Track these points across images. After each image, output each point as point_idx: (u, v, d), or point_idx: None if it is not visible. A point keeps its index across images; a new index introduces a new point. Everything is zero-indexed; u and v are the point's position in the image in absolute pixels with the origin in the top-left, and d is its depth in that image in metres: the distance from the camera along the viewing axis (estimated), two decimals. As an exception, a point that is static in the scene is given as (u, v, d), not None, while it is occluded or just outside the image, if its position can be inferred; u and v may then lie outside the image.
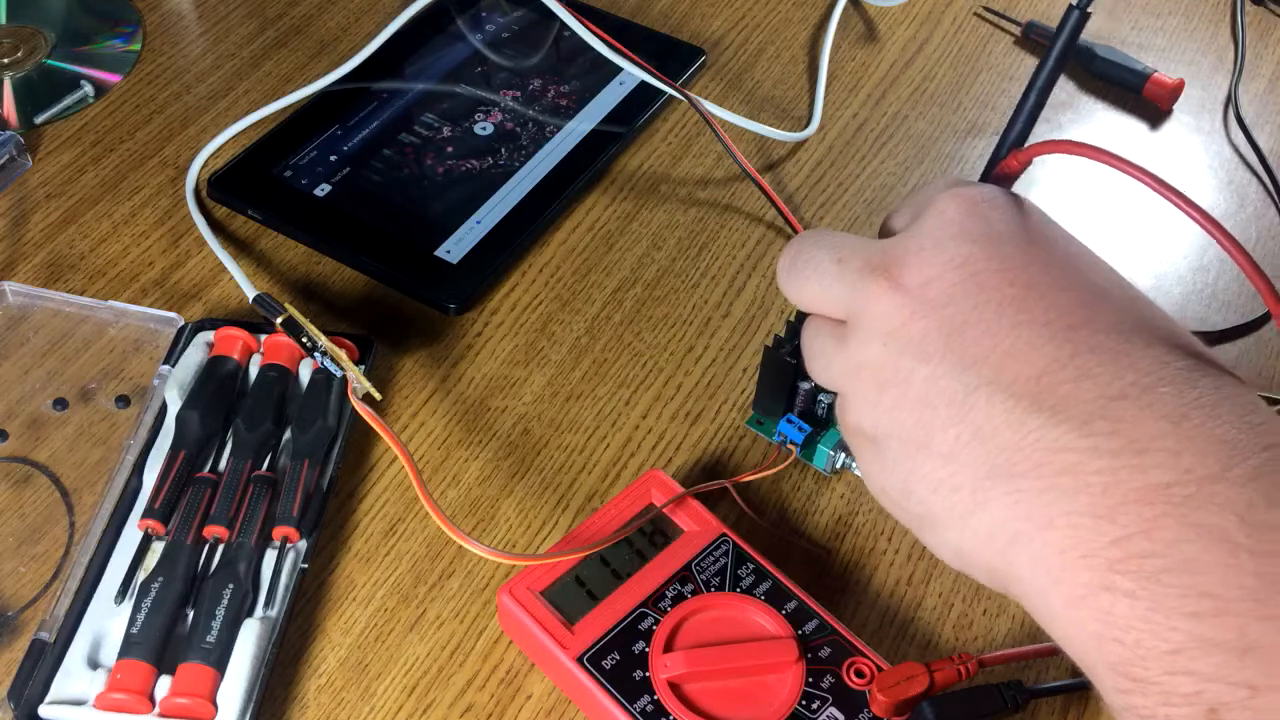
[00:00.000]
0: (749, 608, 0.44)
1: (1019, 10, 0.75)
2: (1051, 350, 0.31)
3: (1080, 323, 0.31)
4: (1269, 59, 0.72)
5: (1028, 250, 0.33)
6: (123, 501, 0.48)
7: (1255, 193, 0.65)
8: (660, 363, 0.56)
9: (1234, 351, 0.57)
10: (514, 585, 0.44)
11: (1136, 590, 0.27)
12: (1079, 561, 0.29)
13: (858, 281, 0.34)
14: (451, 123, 0.65)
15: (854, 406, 0.35)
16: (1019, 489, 0.30)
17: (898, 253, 0.34)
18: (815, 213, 0.63)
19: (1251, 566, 0.26)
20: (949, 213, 0.34)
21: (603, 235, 0.61)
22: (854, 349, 0.34)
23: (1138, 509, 0.28)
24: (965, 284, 0.33)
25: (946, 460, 0.32)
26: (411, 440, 0.52)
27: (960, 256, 0.33)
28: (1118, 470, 0.29)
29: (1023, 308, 0.32)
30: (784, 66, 0.71)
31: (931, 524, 0.33)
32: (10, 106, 0.66)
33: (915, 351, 0.33)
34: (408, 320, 0.57)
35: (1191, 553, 0.27)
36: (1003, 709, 0.42)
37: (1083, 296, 0.32)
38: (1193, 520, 0.27)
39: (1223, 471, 0.28)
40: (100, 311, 0.56)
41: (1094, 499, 0.29)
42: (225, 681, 0.43)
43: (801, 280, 0.37)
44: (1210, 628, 0.26)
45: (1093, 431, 0.29)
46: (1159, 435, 0.29)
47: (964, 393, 0.31)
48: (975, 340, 0.32)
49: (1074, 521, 0.29)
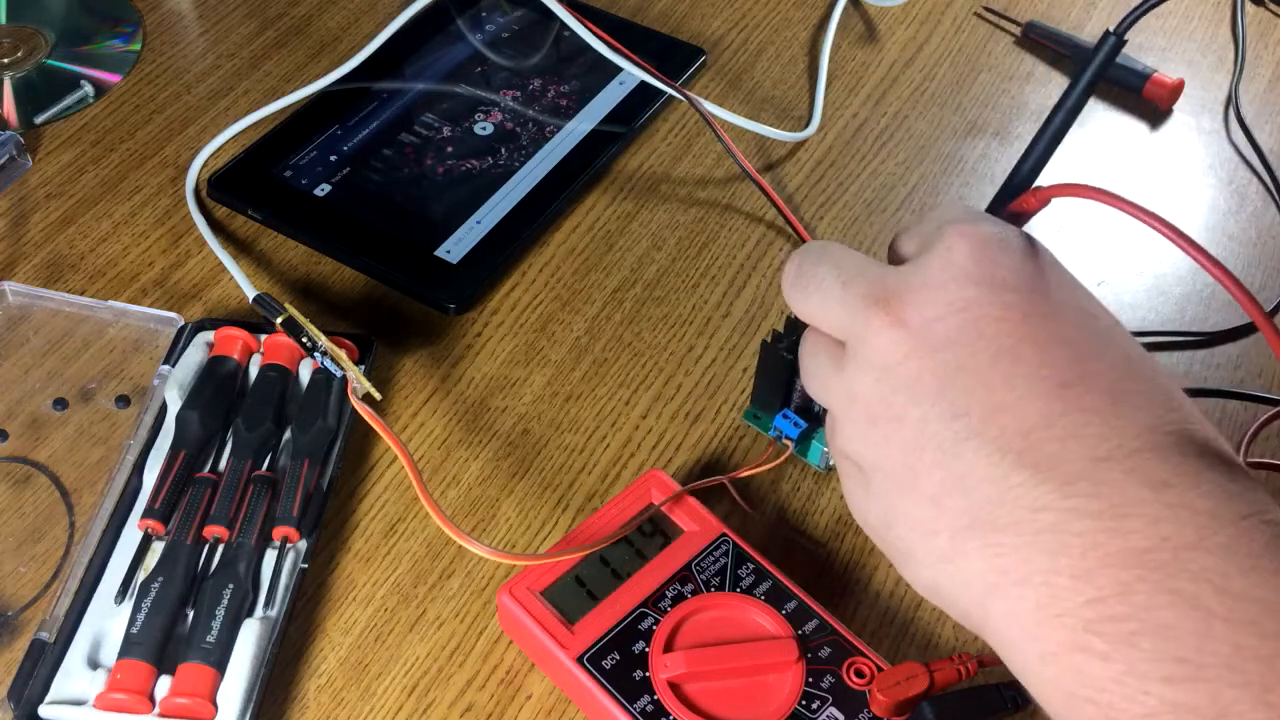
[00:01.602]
0: (749, 608, 0.44)
1: (1019, 10, 0.75)
2: (1042, 406, 0.31)
3: (1073, 380, 0.31)
4: (1269, 59, 0.72)
5: (1030, 300, 0.33)
6: (123, 501, 0.48)
7: (1255, 192, 0.65)
8: (660, 363, 0.56)
9: (1235, 351, 0.57)
10: (514, 585, 0.44)
11: (1110, 652, 0.28)
12: (1053, 620, 0.29)
13: (859, 309, 0.34)
14: (451, 123, 0.65)
15: (843, 432, 0.35)
16: (998, 543, 0.30)
17: (900, 287, 0.34)
18: (815, 212, 0.63)
19: (1225, 634, 0.27)
20: (956, 252, 0.33)
21: (603, 235, 0.61)
22: (849, 377, 0.35)
23: (1114, 572, 0.28)
24: (965, 329, 0.32)
25: (929, 503, 0.32)
26: (411, 440, 0.52)
27: (963, 300, 0.33)
28: (1097, 533, 0.29)
29: (1018, 360, 0.32)
30: (784, 66, 0.71)
31: (909, 558, 0.33)
32: (10, 106, 0.66)
33: (909, 391, 0.33)
34: (408, 320, 0.57)
35: (1166, 619, 0.27)
36: (1003, 709, 0.42)
37: (1080, 353, 0.32)
38: (1168, 587, 0.28)
39: (1199, 540, 0.28)
40: (100, 311, 0.56)
41: (1072, 560, 0.29)
42: (225, 681, 0.43)
43: (804, 295, 0.37)
44: (1184, 693, 0.27)
45: (1075, 493, 0.30)
46: (1140, 501, 0.29)
47: (952, 441, 0.32)
48: (968, 389, 0.32)
49: (1050, 580, 0.29)
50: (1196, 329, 0.58)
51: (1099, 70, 0.38)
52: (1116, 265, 0.61)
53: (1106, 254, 0.61)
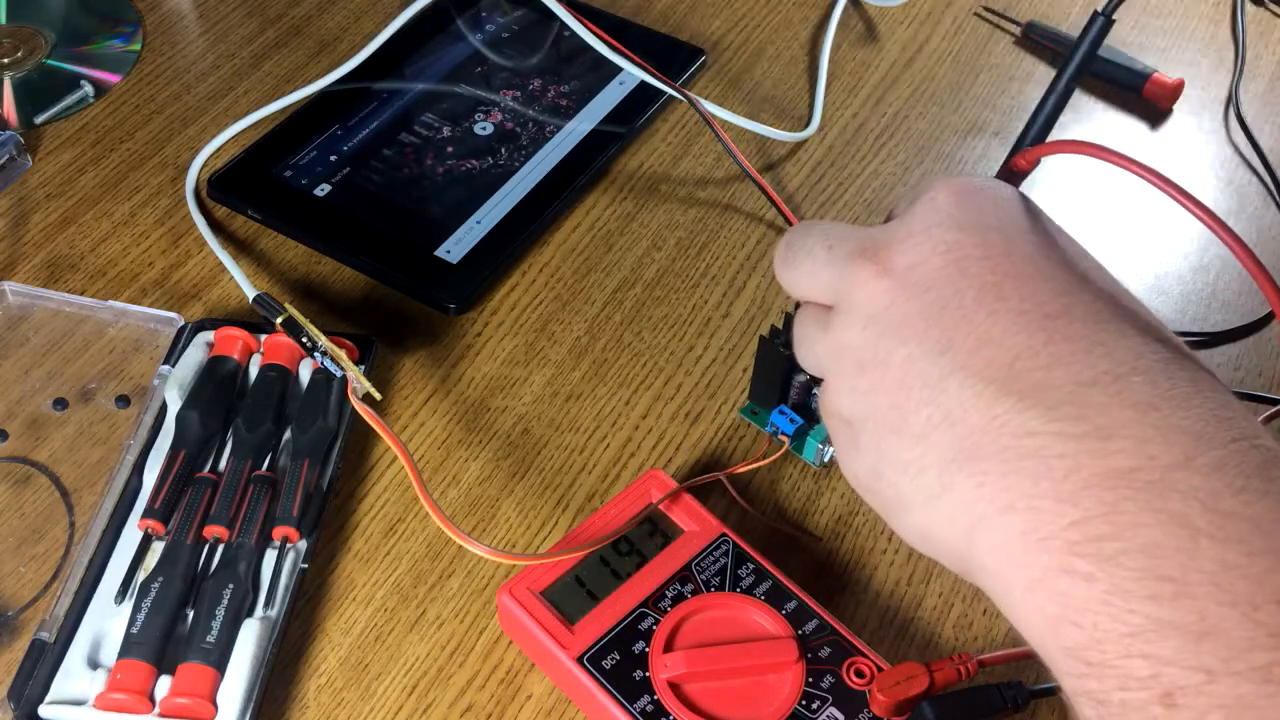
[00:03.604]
0: (749, 608, 0.44)
1: (1019, 10, 0.75)
2: (1026, 338, 0.31)
3: (1058, 312, 0.31)
4: (1269, 59, 0.72)
5: (1013, 239, 0.33)
6: (123, 501, 0.48)
7: (1256, 192, 0.65)
8: (660, 363, 0.56)
9: (1235, 351, 0.57)
10: (514, 585, 0.44)
11: (1095, 573, 0.27)
12: (1038, 544, 0.29)
13: (845, 265, 0.35)
14: (451, 123, 0.65)
15: (834, 389, 0.35)
16: (984, 471, 0.30)
17: (886, 238, 0.34)
18: (815, 212, 0.63)
19: (1212, 552, 0.26)
20: (939, 200, 0.34)
21: (603, 235, 0.61)
22: (836, 331, 0.35)
23: (1099, 493, 0.28)
24: (948, 269, 0.33)
25: (916, 441, 0.32)
26: (411, 440, 0.52)
27: (946, 243, 0.33)
28: (1080, 454, 0.29)
29: (1002, 294, 0.32)
30: (784, 66, 0.71)
31: (899, 506, 0.33)
32: (10, 106, 0.66)
33: (895, 334, 0.33)
34: (408, 320, 0.57)
35: (1152, 537, 0.27)
36: (1003, 709, 0.42)
37: (1063, 286, 0.32)
38: (1154, 505, 0.27)
39: (1187, 460, 0.28)
40: (100, 311, 0.56)
41: (1055, 482, 0.29)
42: (225, 681, 0.43)
43: (794, 267, 0.37)
44: (1169, 611, 0.26)
45: (1059, 416, 0.29)
46: (1126, 423, 0.29)
47: (938, 376, 0.32)
48: (952, 325, 0.32)
49: (1034, 505, 0.29)
50: (1196, 329, 0.58)
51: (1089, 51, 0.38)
52: (1116, 265, 0.60)
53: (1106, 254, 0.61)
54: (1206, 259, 0.61)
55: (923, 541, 0.33)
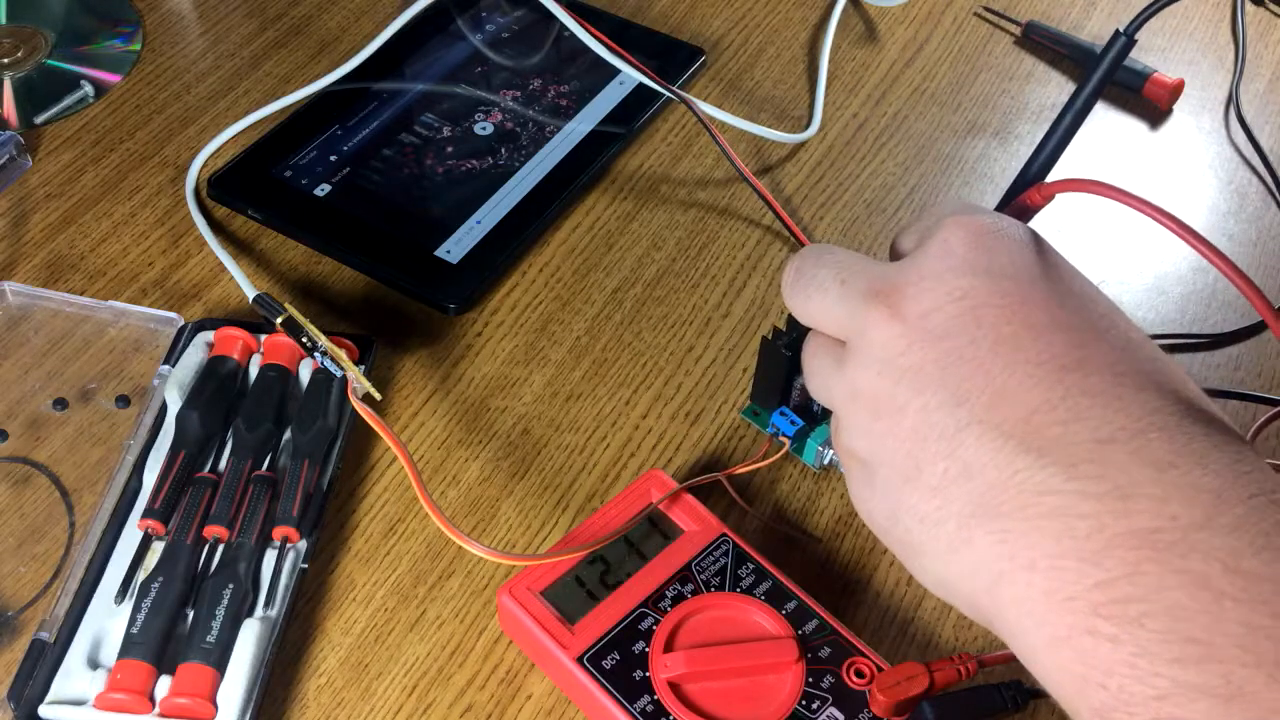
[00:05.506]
0: (749, 608, 0.44)
1: (1019, 10, 0.75)
2: (1043, 391, 0.31)
3: (1074, 364, 0.31)
4: (1269, 59, 0.72)
5: (1029, 287, 0.33)
6: (123, 501, 0.48)
7: (1256, 193, 0.65)
8: (660, 363, 0.56)
9: (1235, 352, 0.57)
10: (514, 585, 0.44)
11: (1119, 634, 0.27)
12: (1062, 604, 0.29)
13: (858, 306, 0.34)
14: (451, 123, 0.65)
15: (847, 430, 0.35)
16: (1004, 529, 0.30)
17: (899, 280, 0.34)
18: (815, 213, 0.63)
19: (1235, 614, 0.26)
20: (953, 242, 0.34)
21: (603, 235, 0.61)
22: (850, 373, 0.35)
23: (1122, 553, 0.28)
24: (963, 318, 0.32)
25: (934, 493, 0.32)
26: (411, 440, 0.52)
27: (960, 289, 0.33)
28: (1102, 515, 0.29)
29: (1018, 346, 0.32)
30: (784, 67, 0.71)
31: (916, 552, 0.33)
32: (10, 106, 0.66)
33: (910, 382, 0.33)
34: (408, 320, 0.57)
35: (1176, 599, 0.27)
36: (1003, 709, 0.42)
37: (1079, 338, 0.32)
38: (1177, 566, 0.27)
39: (1207, 519, 0.28)
40: (100, 311, 0.56)
41: (1078, 542, 0.29)
42: (225, 681, 0.43)
43: (804, 297, 0.37)
44: (1196, 674, 0.26)
45: (1079, 475, 0.29)
46: (1145, 481, 0.29)
47: (955, 429, 0.32)
48: (968, 377, 0.32)
49: (1057, 564, 0.29)
50: (1196, 329, 0.58)
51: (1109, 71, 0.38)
52: (1117, 266, 0.61)
53: (1106, 254, 0.61)
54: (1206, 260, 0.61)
55: (940, 588, 0.33)
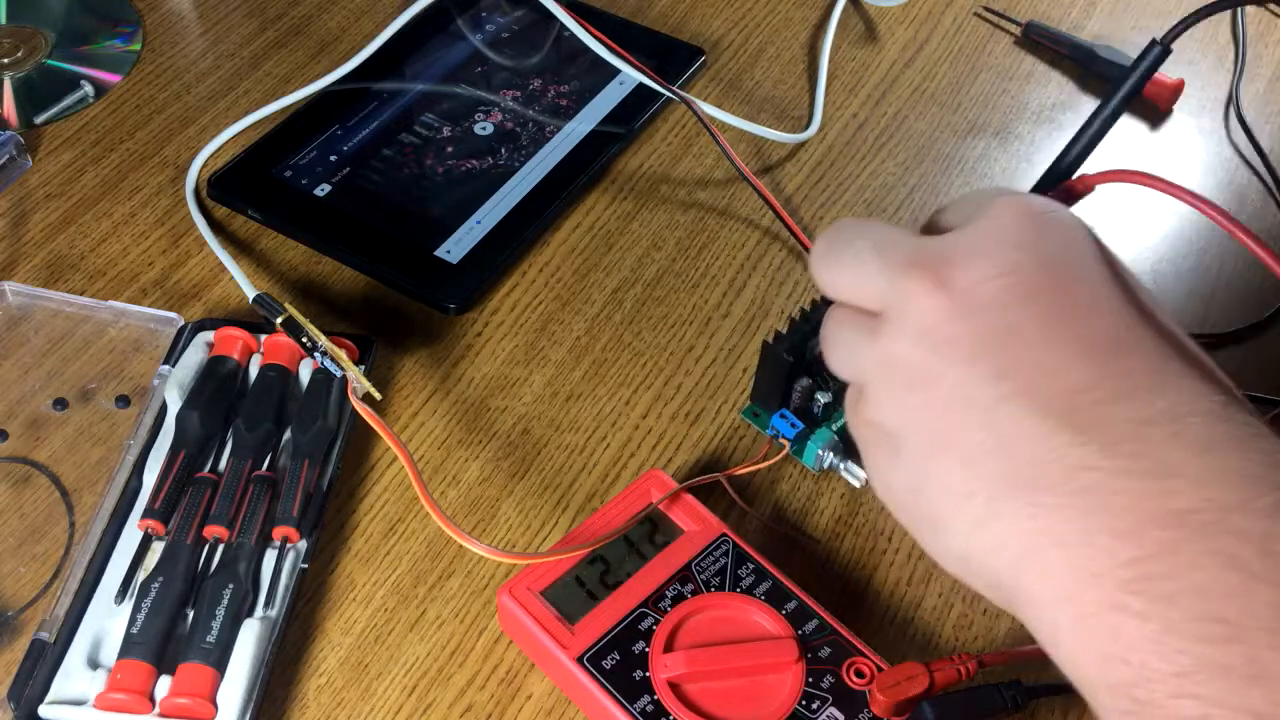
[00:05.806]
0: (749, 608, 0.44)
1: (1019, 10, 0.75)
2: (1086, 370, 0.31)
3: (1118, 347, 0.31)
4: (1269, 59, 0.72)
5: (1077, 269, 0.33)
6: (123, 501, 0.48)
7: (1256, 193, 0.65)
8: (660, 363, 0.56)
9: (1236, 352, 0.57)
10: (514, 585, 0.44)
11: (1148, 611, 0.27)
12: (1091, 579, 0.29)
13: (899, 275, 0.34)
14: (451, 123, 0.65)
15: (874, 400, 0.34)
16: (1037, 503, 0.30)
17: (947, 252, 0.33)
18: (816, 213, 0.63)
19: (1266, 596, 0.27)
20: (1005, 219, 0.33)
21: (603, 235, 0.61)
22: (885, 343, 0.34)
23: (1156, 532, 0.28)
24: (1010, 292, 0.32)
25: (965, 465, 0.32)
26: (411, 440, 0.52)
27: (1009, 264, 0.33)
28: (1139, 493, 0.29)
29: (1063, 324, 0.32)
30: (784, 67, 0.71)
31: (937, 528, 0.33)
32: (10, 106, 0.66)
33: (949, 353, 0.32)
34: (408, 320, 0.57)
35: (1207, 579, 0.27)
36: (1003, 709, 0.42)
37: (1125, 320, 0.32)
38: (1211, 547, 0.27)
39: (1244, 503, 0.28)
40: (100, 311, 0.56)
41: (1113, 518, 0.29)
42: (225, 681, 0.43)
43: (837, 267, 0.36)
44: (1220, 653, 0.26)
45: (1119, 453, 0.29)
46: (1184, 463, 0.29)
47: (994, 401, 0.31)
48: (1011, 351, 0.32)
49: (1090, 539, 0.29)
50: (1197, 329, 0.58)
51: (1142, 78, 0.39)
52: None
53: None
54: (1207, 259, 0.61)
55: (959, 563, 0.33)
